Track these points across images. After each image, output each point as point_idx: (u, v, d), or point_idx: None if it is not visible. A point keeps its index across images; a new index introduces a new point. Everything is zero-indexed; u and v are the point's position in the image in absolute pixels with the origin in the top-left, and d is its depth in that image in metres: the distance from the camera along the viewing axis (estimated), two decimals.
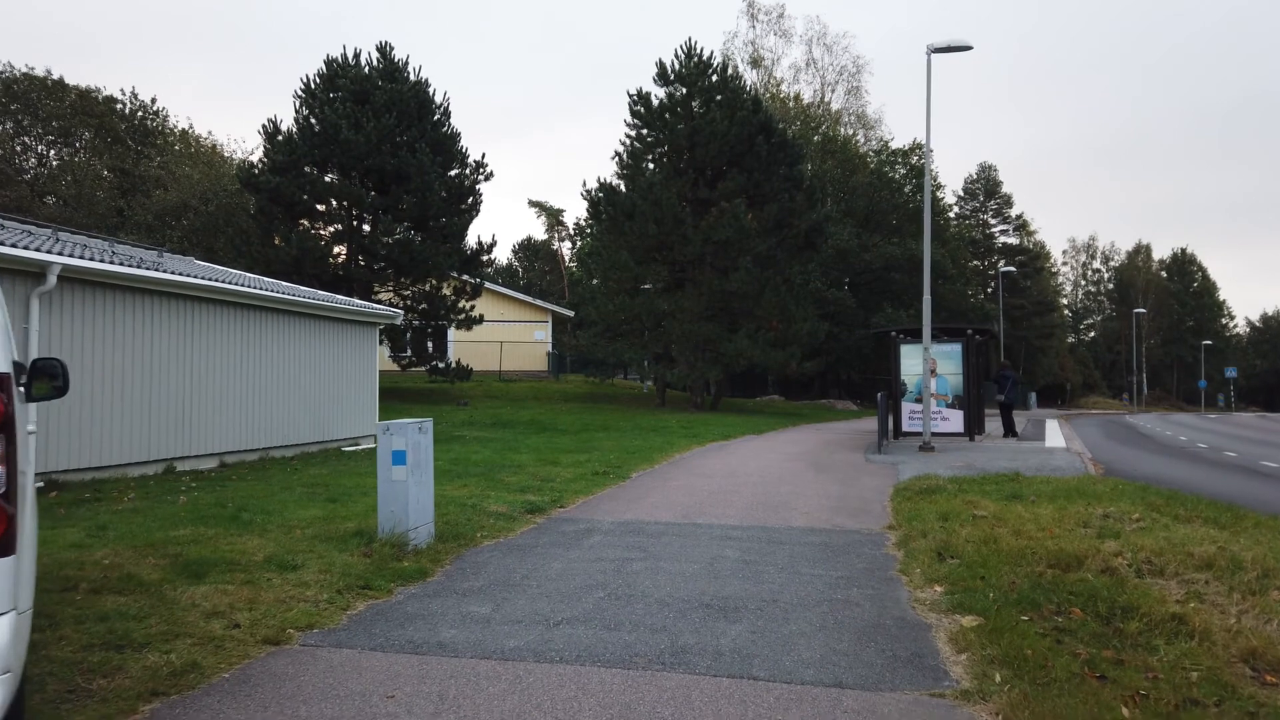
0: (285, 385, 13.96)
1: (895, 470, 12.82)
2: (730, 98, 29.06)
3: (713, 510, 8.81)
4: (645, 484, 10.94)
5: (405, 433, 6.23)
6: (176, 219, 32.34)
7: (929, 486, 9.93)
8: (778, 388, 45.03)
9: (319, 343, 15.02)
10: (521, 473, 11.57)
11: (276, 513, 7.79)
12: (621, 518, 8.29)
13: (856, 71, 48.38)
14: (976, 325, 20.04)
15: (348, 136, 25.51)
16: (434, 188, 26.74)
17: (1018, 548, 6.36)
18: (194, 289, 11.80)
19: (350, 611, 4.84)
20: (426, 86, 28.58)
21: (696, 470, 12.61)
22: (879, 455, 15.15)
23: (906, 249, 40.30)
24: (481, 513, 8.04)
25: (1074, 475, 11.90)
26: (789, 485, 10.95)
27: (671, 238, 27.99)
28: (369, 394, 16.68)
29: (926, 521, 7.63)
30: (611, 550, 6.68)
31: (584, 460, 13.33)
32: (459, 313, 29.14)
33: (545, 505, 8.79)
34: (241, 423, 12.91)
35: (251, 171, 25.72)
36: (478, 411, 25.53)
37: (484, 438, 17.66)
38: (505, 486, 10.08)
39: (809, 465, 13.54)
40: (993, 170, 67.48)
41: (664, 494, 10.00)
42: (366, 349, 16.67)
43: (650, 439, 17.81)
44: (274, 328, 13.76)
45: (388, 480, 6.26)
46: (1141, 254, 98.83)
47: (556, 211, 69.72)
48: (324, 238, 26.70)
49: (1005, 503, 8.79)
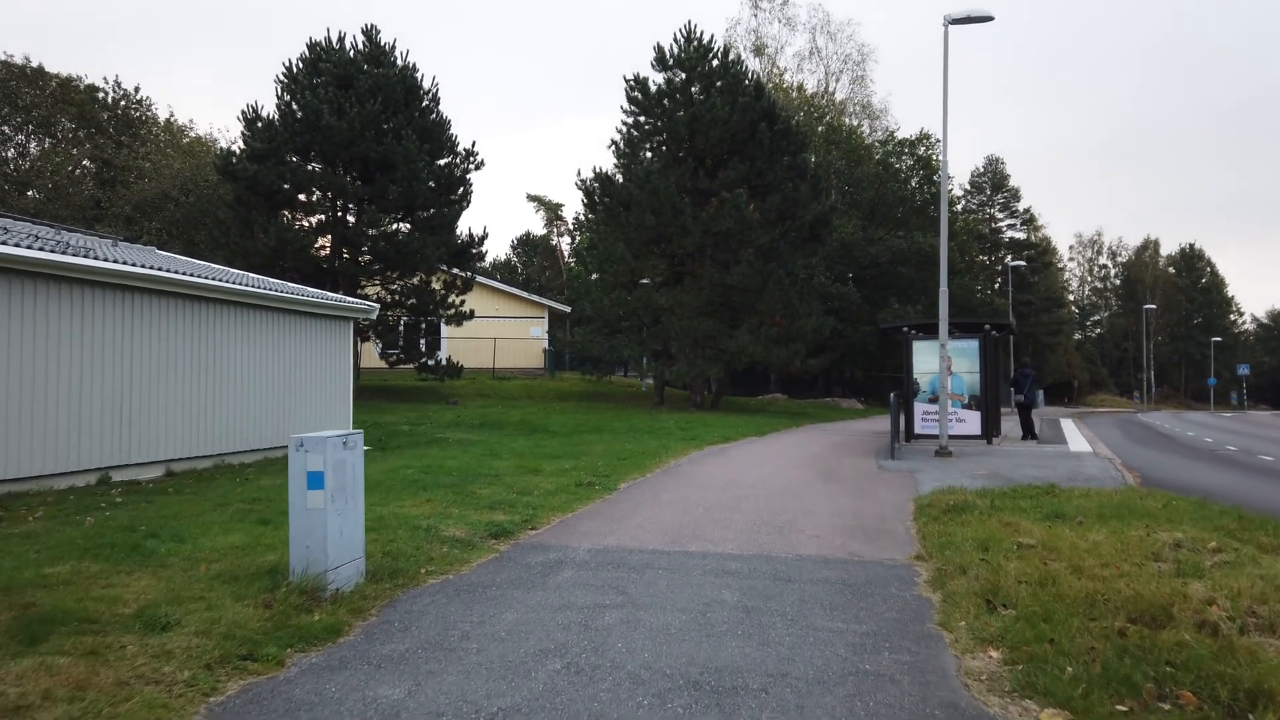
0: (245, 384, 12.75)
1: (913, 480, 11.59)
2: (731, 83, 27.78)
3: (709, 532, 7.59)
4: (634, 497, 9.72)
5: (323, 448, 5.01)
6: (157, 211, 31.12)
7: (957, 503, 8.69)
8: (780, 386, 43.77)
9: (285, 338, 13.81)
10: (497, 484, 10.36)
11: (191, 539, 6.58)
12: (601, 543, 7.07)
13: (861, 60, 47.09)
14: (993, 320, 18.81)
15: (330, 122, 24.27)
16: (421, 176, 25.49)
17: (1083, 591, 5.13)
18: (135, 279, 10.58)
19: (214, 699, 3.61)
20: (414, 72, 27.31)
21: (692, 480, 11.39)
22: (893, 461, 13.92)
23: (914, 242, 39.00)
24: (435, 538, 6.81)
25: (1114, 487, 10.67)
26: (795, 499, 9.73)
27: (670, 229, 26.73)
28: (342, 393, 15.49)
29: (963, 552, 6.40)
30: (582, 593, 5.46)
31: (569, 468, 12.11)
32: (449, 307, 27.91)
33: (514, 527, 7.57)
34: (192, 426, 11.70)
35: (229, 159, 24.48)
36: (467, 411, 24.35)
37: (467, 440, 16.46)
38: (474, 502, 8.87)
39: (817, 473, 12.31)
40: (1000, 163, 66.16)
41: (653, 511, 8.78)
42: (339, 345, 15.47)
43: (645, 442, 16.58)
44: (233, 322, 12.55)
45: (301, 509, 5.03)
46: (1149, 249, 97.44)
47: (556, 206, 68.51)
48: (306, 229, 25.45)
49: (1049, 525, 7.56)
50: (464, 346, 36.90)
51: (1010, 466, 13.09)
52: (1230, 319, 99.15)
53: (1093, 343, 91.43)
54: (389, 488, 9.73)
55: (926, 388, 17.93)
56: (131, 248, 15.80)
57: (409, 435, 17.52)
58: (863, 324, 38.87)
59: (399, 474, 11.01)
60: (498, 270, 70.45)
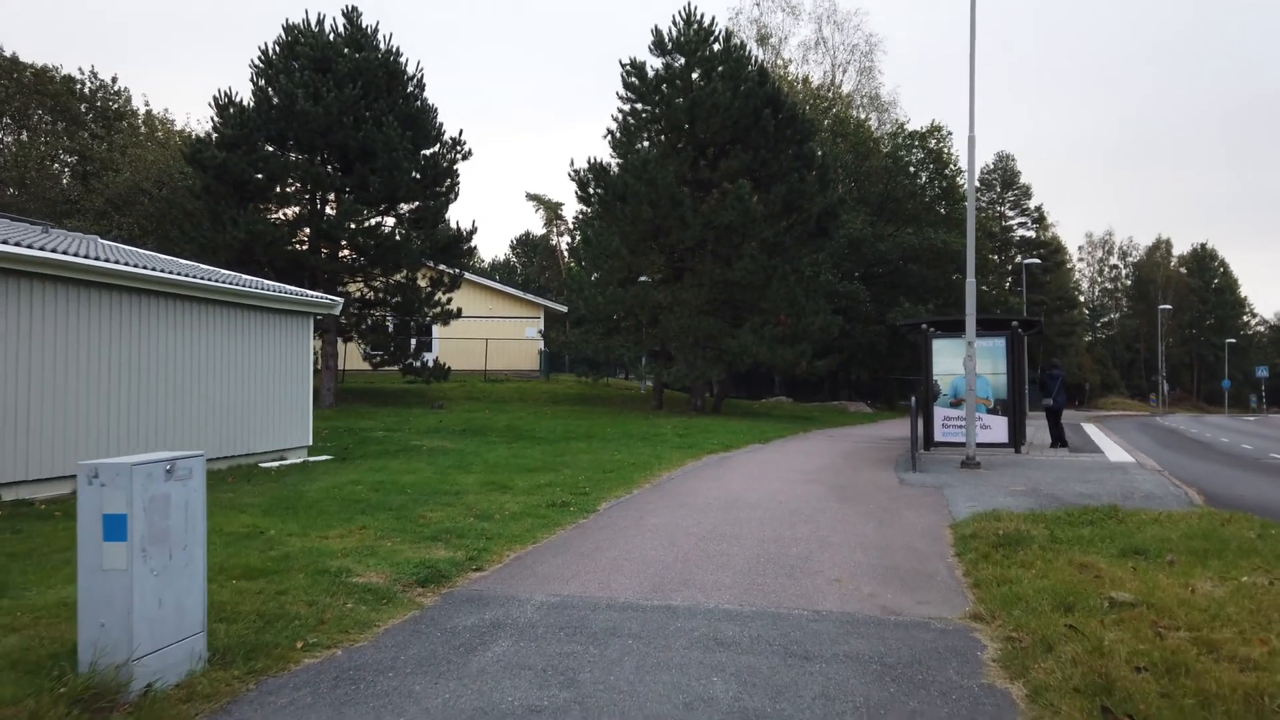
0: (179, 387, 11.18)
1: (942, 498, 9.97)
2: (733, 68, 26.16)
3: (700, 574, 5.99)
4: (613, 523, 8.11)
5: (129, 482, 3.42)
6: (130, 205, 29.60)
7: (1007, 533, 7.06)
8: (785, 389, 42.09)
9: (231, 335, 12.26)
10: (455, 504, 8.76)
11: (16, 591, 5.00)
12: (560, 592, 5.47)
13: (869, 51, 45.52)
14: (1020, 316, 17.07)
15: (304, 107, 22.71)
16: (403, 166, 23.90)
17: (1238, 689, 3.52)
18: (30, 263, 9.02)
19: None
20: (398, 56, 25.75)
21: (686, 498, 9.78)
22: (915, 474, 12.29)
23: (925, 238, 37.30)
24: (340, 589, 5.22)
25: (1182, 509, 9.04)
26: (807, 523, 8.12)
27: (669, 222, 25.11)
28: (300, 397, 13.92)
29: (1038, 611, 4.77)
30: (514, 685, 3.85)
31: (544, 484, 10.52)
32: (434, 305, 26.32)
33: (453, 568, 5.97)
34: (108, 436, 10.13)
35: (198, 147, 22.93)
36: (451, 415, 22.79)
37: (441, 449, 14.87)
38: (417, 530, 7.27)
39: (830, 490, 10.69)
40: (1010, 160, 64.42)
41: (634, 542, 7.17)
42: (297, 343, 13.90)
43: (637, 451, 14.98)
44: (165, 316, 10.99)
45: (93, 570, 3.44)
46: (1161, 249, 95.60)
47: (555, 205, 66.96)
48: (281, 222, 23.88)
49: (1132, 565, 5.95)
50: (456, 348, 35.33)
51: (1051, 481, 11.45)
52: (1243, 320, 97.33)
53: (1103, 344, 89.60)
54: (321, 511, 8.15)
55: (947, 391, 16.30)
56: (67, 235, 14.25)
57: (380, 443, 15.92)
58: (871, 324, 37.20)
59: (342, 492, 9.43)
60: (497, 271, 68.91)
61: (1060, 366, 18.36)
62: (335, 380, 24.43)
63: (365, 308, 26.26)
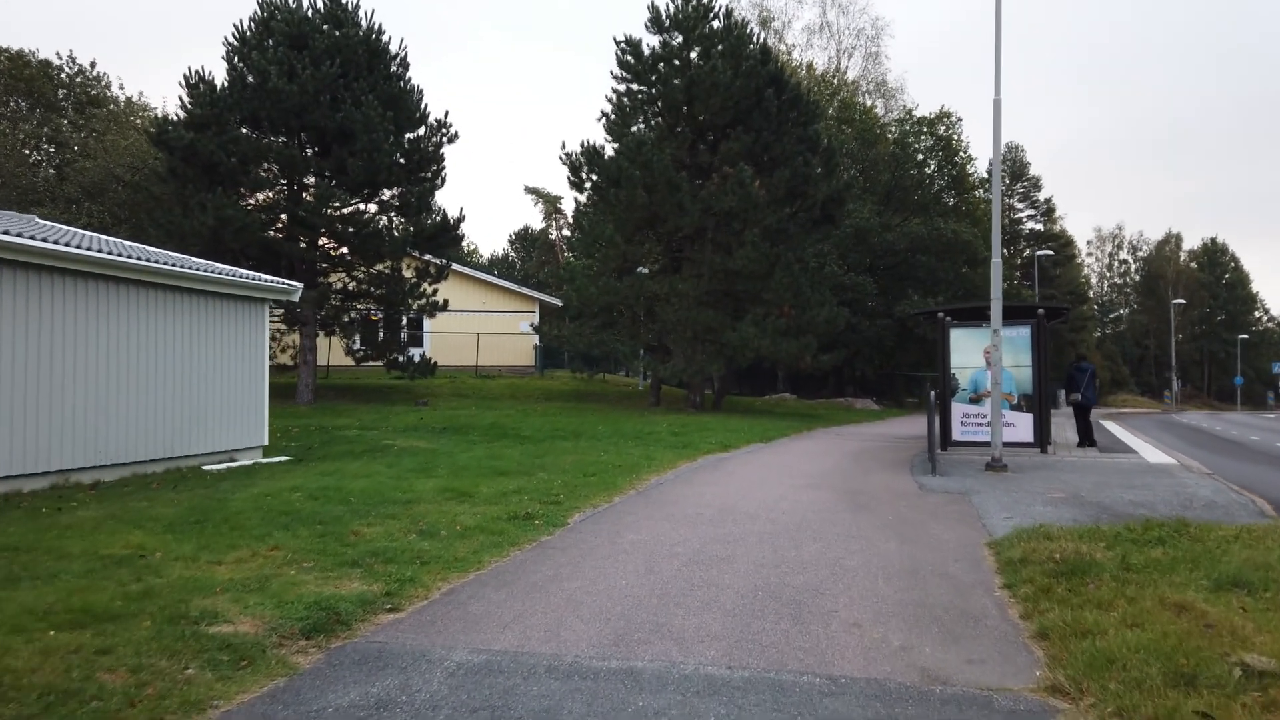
0: (103, 380, 9.86)
1: (971, 507, 8.61)
2: (734, 46, 24.72)
3: (679, 616, 4.64)
4: (583, 540, 6.77)
5: None
6: (102, 192, 28.27)
7: (1066, 557, 5.68)
8: (788, 384, 40.65)
9: (169, 323, 10.94)
10: (400, 516, 7.42)
11: None
12: (489, 646, 4.12)
13: (875, 35, 44.09)
14: (1046, 304, 15.58)
15: (277, 85, 21.36)
16: (384, 148, 22.53)
17: None
18: None
19: None
20: (380, 34, 24.38)
21: (674, 507, 8.43)
22: (934, 478, 10.92)
23: (934, 228, 35.82)
24: (187, 643, 3.87)
25: (1252, 519, 7.67)
26: (815, 541, 6.76)
27: (665, 208, 23.71)
28: (254, 391, 12.59)
29: (1147, 686, 3.41)
30: None
31: (513, 490, 9.17)
32: (420, 297, 24.96)
33: (359, 609, 4.62)
34: (16, 435, 8.81)
35: (163, 127, 21.58)
36: (436, 412, 21.50)
37: (412, 449, 13.54)
38: (337, 552, 5.93)
39: (840, 496, 9.33)
40: (1020, 151, 62.80)
41: (602, 567, 5.82)
42: (249, 333, 12.56)
43: (626, 452, 13.63)
44: (87, 301, 9.68)
45: None
46: (1171, 243, 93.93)
47: (554, 199, 65.60)
48: (254, 207, 22.53)
49: (1238, 601, 4.59)
50: (448, 343, 34.02)
51: (1091, 486, 10.07)
52: (1255, 316, 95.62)
53: (1112, 340, 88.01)
54: (235, 526, 6.81)
55: (966, 385, 14.92)
56: (5, 215, 12.92)
57: (349, 442, 14.59)
58: (878, 318, 35.75)
59: (274, 501, 8.09)
60: (495, 266, 67.54)
61: (1087, 359, 16.95)
62: (313, 376, 23.12)
63: (348, 300, 24.91)
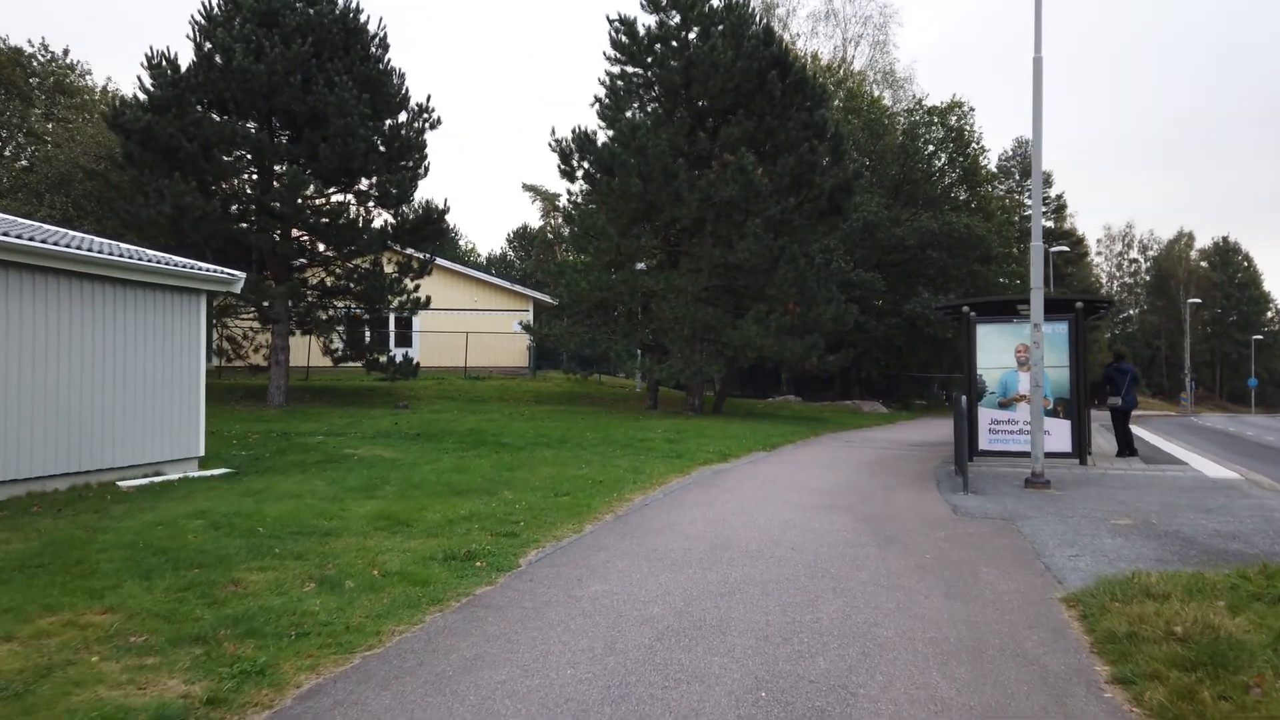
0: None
1: (1022, 538, 6.99)
2: (735, 25, 23.13)
3: None
4: (530, 594, 5.17)
5: None
6: (67, 183, 26.77)
7: (1191, 634, 4.08)
8: (792, 386, 39.02)
9: (79, 316, 9.39)
10: (307, 557, 5.83)
11: None
12: None
13: (884, 23, 42.59)
14: (1085, 295, 13.88)
15: (243, 64, 19.78)
16: (359, 133, 20.93)
17: None
18: None
19: None
20: (357, 13, 22.82)
21: (656, 539, 6.83)
22: (969, 497, 9.30)
23: (945, 223, 34.16)
24: None
25: None
26: (836, 595, 5.17)
27: (662, 197, 22.11)
28: (188, 395, 11.02)
29: None
30: None
31: (465, 515, 7.58)
32: (401, 293, 23.37)
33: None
34: None
35: (119, 109, 20.02)
36: (413, 416, 19.94)
37: (371, 459, 11.96)
38: (191, 616, 4.34)
39: (861, 524, 7.72)
40: (1030, 146, 61.08)
41: (545, 648, 4.22)
42: (181, 328, 11.00)
43: (613, 463, 12.03)
44: None
45: None
46: (1182, 242, 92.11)
47: (552, 196, 64.01)
48: (218, 194, 20.96)
49: None
50: (436, 342, 32.49)
51: (1158, 509, 8.46)
52: (1268, 317, 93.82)
53: (1122, 340, 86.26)
54: (86, 570, 5.22)
55: (994, 388, 13.32)
56: None
57: (307, 450, 13.02)
58: (887, 316, 34.11)
59: (167, 531, 6.51)
60: (493, 264, 65.94)
61: (1127, 359, 15.35)
62: (285, 377, 21.56)
63: (324, 296, 23.34)
